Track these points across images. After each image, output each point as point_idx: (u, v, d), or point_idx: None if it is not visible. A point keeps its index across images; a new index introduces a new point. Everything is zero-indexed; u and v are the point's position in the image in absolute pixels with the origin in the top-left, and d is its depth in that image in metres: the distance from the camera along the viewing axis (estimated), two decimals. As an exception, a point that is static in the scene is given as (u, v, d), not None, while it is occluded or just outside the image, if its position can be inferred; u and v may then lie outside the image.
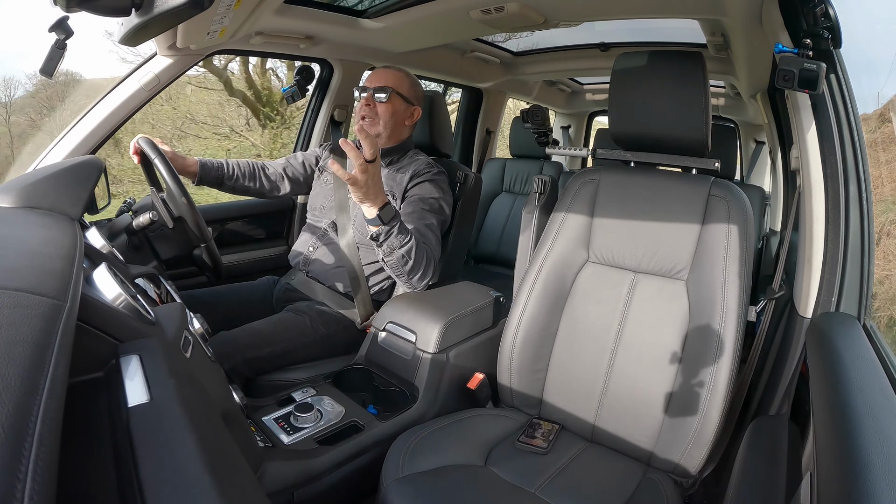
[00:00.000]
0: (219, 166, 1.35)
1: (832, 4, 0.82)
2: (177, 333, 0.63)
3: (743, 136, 3.38)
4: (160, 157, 1.08)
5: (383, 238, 1.08)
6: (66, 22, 1.01)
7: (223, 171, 1.35)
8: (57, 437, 0.27)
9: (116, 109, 1.30)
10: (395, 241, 1.09)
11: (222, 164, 1.36)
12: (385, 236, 1.07)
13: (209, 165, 1.33)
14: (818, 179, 0.89)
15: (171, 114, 5.79)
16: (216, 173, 1.34)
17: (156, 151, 1.09)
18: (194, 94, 5.98)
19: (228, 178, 1.36)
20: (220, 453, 0.42)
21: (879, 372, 0.64)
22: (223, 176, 1.35)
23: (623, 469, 0.95)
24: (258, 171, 1.41)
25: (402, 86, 1.31)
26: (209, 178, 1.33)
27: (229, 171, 1.36)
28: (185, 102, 5.93)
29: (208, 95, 6.01)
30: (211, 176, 1.33)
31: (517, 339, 1.09)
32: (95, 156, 1.20)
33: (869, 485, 0.42)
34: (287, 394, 1.06)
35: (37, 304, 0.37)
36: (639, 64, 1.04)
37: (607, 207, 1.09)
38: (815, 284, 0.90)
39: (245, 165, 1.40)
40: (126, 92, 1.30)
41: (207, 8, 0.63)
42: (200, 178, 1.31)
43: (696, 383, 0.91)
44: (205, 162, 1.32)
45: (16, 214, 0.65)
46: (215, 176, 1.34)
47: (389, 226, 1.07)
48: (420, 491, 0.82)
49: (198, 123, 5.96)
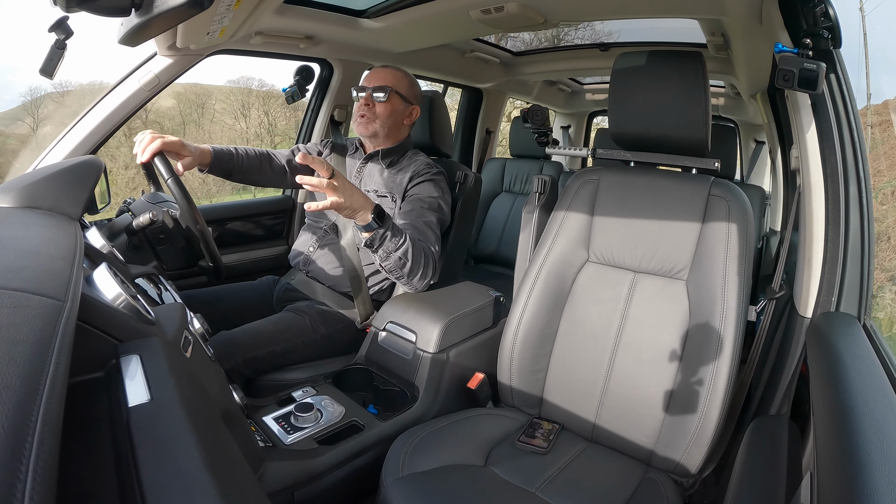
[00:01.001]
0: (228, 158, 1.30)
1: (832, 4, 0.82)
2: (177, 333, 0.63)
3: (743, 136, 3.38)
4: (174, 178, 1.05)
5: (377, 243, 1.06)
6: (65, 22, 1.01)
7: (232, 162, 1.31)
8: (57, 436, 0.27)
9: (116, 109, 1.30)
10: (390, 245, 1.07)
11: (232, 156, 1.31)
12: (379, 241, 1.06)
13: (221, 157, 1.28)
14: (818, 179, 0.89)
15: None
16: (226, 165, 1.30)
17: (169, 171, 1.05)
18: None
19: (238, 171, 1.33)
20: (221, 453, 0.42)
21: (879, 372, 0.64)
22: (232, 168, 1.31)
23: (623, 469, 0.95)
24: (265, 163, 1.39)
25: (400, 85, 1.30)
26: (219, 169, 1.29)
27: (238, 162, 1.32)
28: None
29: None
30: (221, 168, 1.29)
31: (517, 339, 1.09)
32: (95, 156, 1.20)
33: (869, 485, 0.42)
34: (287, 393, 1.06)
35: (37, 304, 0.37)
36: (639, 64, 1.04)
37: (607, 207, 1.09)
38: (815, 284, 0.90)
39: (254, 157, 1.36)
40: (126, 92, 1.30)
41: (207, 8, 0.63)
42: (211, 168, 1.27)
43: (696, 383, 0.91)
44: (217, 153, 1.27)
45: (16, 214, 0.65)
46: (225, 168, 1.30)
47: (381, 230, 1.05)
48: (420, 491, 0.82)
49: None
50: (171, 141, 1.09)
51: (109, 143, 1.34)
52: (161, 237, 1.34)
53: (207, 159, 1.23)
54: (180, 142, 1.12)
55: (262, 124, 10.68)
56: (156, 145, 1.06)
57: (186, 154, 1.14)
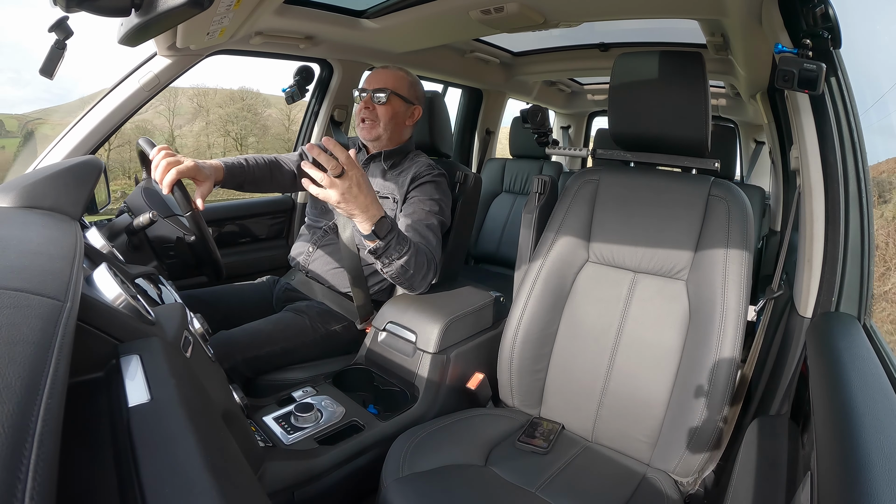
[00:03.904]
0: (240, 171, 1.26)
1: (832, 5, 0.82)
2: (177, 333, 0.63)
3: (743, 136, 3.39)
4: (192, 213, 1.04)
5: (381, 252, 1.04)
6: (65, 22, 1.01)
7: (244, 175, 1.28)
8: (57, 437, 0.27)
9: (116, 109, 1.30)
10: (394, 253, 1.05)
11: (243, 169, 1.27)
12: (384, 250, 1.04)
13: (233, 171, 1.24)
14: (818, 179, 0.89)
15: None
16: (238, 179, 1.27)
17: (187, 205, 1.03)
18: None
19: (249, 183, 1.30)
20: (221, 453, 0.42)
21: (879, 372, 0.64)
22: (244, 181, 1.29)
23: (623, 469, 0.95)
24: (275, 171, 1.37)
25: (401, 86, 1.30)
26: (231, 183, 1.27)
27: (249, 174, 1.29)
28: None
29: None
30: (233, 182, 1.27)
31: (517, 339, 1.09)
32: (95, 156, 1.20)
33: (869, 485, 0.42)
34: (287, 393, 1.06)
35: (37, 304, 0.37)
36: (639, 64, 1.04)
37: (607, 207, 1.09)
38: (815, 284, 0.90)
39: (264, 167, 1.33)
40: (126, 92, 1.31)
41: (207, 8, 0.63)
42: (223, 183, 1.23)
43: (696, 383, 0.91)
44: (229, 168, 1.23)
45: (16, 214, 0.65)
46: (237, 182, 1.28)
47: (386, 241, 1.02)
48: (420, 491, 0.82)
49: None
50: (187, 168, 1.03)
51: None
52: (171, 254, 1.35)
53: (220, 176, 1.19)
54: (195, 166, 1.06)
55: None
56: (172, 176, 1.01)
57: (202, 179, 1.08)
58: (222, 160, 1.23)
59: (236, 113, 14.64)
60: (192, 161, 1.06)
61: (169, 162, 1.02)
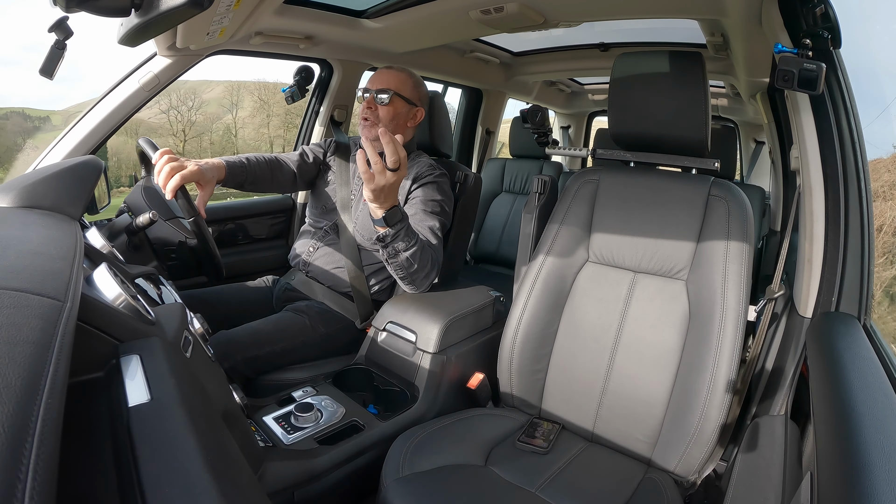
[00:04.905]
0: (241, 171, 1.26)
1: (832, 5, 0.82)
2: (177, 333, 0.63)
3: (743, 136, 3.39)
4: (195, 218, 1.03)
5: (390, 240, 1.05)
6: (65, 22, 1.01)
7: (245, 175, 1.27)
8: (57, 436, 0.27)
9: (116, 109, 1.30)
10: (401, 244, 1.07)
11: (244, 168, 1.27)
12: (392, 238, 1.05)
13: (234, 171, 1.23)
14: (818, 179, 0.89)
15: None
16: (239, 178, 1.26)
17: (190, 210, 1.01)
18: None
19: (249, 183, 1.30)
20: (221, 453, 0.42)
21: (879, 372, 0.64)
22: (245, 181, 1.28)
23: (623, 469, 0.95)
24: (275, 171, 1.36)
25: (404, 87, 1.30)
26: (232, 182, 1.26)
27: (251, 174, 1.29)
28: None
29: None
30: (234, 181, 1.26)
31: (517, 339, 1.09)
32: (95, 156, 1.20)
33: (869, 485, 0.42)
34: (287, 393, 1.06)
35: (37, 304, 0.37)
36: (638, 64, 1.04)
37: (607, 207, 1.09)
38: (815, 284, 0.90)
39: (264, 166, 1.33)
40: (125, 92, 1.31)
41: (207, 8, 0.63)
42: (224, 183, 1.22)
43: (696, 383, 0.91)
44: (230, 167, 1.22)
45: (16, 214, 0.65)
46: (238, 181, 1.27)
47: (395, 228, 1.04)
48: (420, 491, 0.82)
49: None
50: (190, 172, 1.02)
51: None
52: (173, 256, 1.35)
53: (222, 175, 1.19)
54: (199, 170, 1.05)
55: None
56: (175, 182, 1.00)
57: (205, 183, 1.08)
58: (224, 158, 1.23)
59: (303, 105, 15.28)
60: (196, 165, 1.06)
61: (172, 167, 1.01)
